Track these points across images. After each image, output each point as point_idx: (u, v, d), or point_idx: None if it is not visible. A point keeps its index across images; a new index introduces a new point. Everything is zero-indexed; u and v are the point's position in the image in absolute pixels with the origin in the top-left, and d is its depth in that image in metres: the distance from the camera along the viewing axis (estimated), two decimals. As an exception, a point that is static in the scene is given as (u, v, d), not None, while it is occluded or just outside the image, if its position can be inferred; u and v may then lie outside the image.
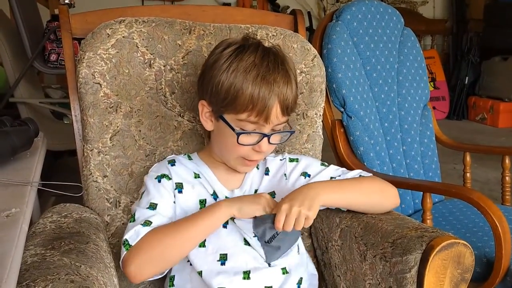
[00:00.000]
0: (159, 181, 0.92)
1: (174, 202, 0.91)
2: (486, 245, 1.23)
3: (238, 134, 0.87)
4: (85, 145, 1.01)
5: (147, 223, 0.85)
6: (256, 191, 0.97)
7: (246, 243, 0.90)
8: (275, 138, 0.91)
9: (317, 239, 1.08)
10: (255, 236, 0.90)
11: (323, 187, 0.89)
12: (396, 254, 0.83)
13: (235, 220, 0.90)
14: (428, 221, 1.24)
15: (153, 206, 0.89)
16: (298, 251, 0.95)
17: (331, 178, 0.98)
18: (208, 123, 0.93)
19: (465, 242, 0.82)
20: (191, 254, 0.89)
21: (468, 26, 4.90)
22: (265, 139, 0.88)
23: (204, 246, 0.89)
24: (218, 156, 0.96)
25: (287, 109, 0.88)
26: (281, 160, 1.02)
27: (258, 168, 1.00)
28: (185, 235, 0.84)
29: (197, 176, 0.95)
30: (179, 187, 0.92)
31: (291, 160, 1.02)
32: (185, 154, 1.00)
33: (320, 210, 1.05)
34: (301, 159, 1.03)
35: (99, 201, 1.01)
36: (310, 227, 1.10)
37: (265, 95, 0.84)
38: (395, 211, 0.98)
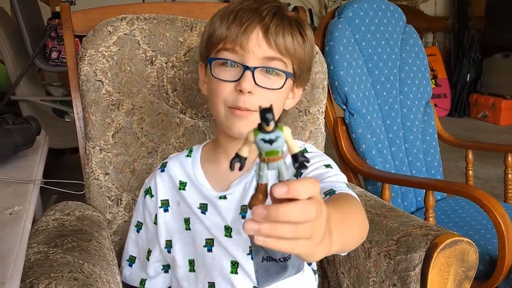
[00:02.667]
0: (145, 197, 0.88)
1: (155, 223, 0.85)
2: (489, 243, 1.23)
3: (211, 61, 0.74)
4: (87, 143, 1.01)
5: (131, 259, 0.90)
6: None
7: (233, 269, 0.79)
8: (262, 79, 0.73)
9: (320, 237, 1.08)
10: (249, 253, 0.77)
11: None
12: (401, 252, 0.83)
13: (227, 236, 0.79)
14: (430, 219, 1.24)
15: (139, 226, 0.89)
16: (302, 273, 0.80)
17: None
18: (204, 87, 0.82)
19: (469, 240, 0.82)
20: (183, 279, 0.84)
21: (470, 23, 4.88)
22: (248, 74, 0.71)
23: (193, 271, 0.83)
24: (220, 135, 0.81)
25: (276, 42, 0.72)
26: None
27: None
28: None
29: (182, 187, 0.84)
30: (165, 204, 0.85)
31: None
32: (187, 149, 0.90)
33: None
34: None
35: (100, 199, 1.01)
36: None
37: (243, 19, 0.72)
38: (399, 209, 0.98)
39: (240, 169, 0.47)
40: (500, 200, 1.57)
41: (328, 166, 0.79)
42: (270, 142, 0.43)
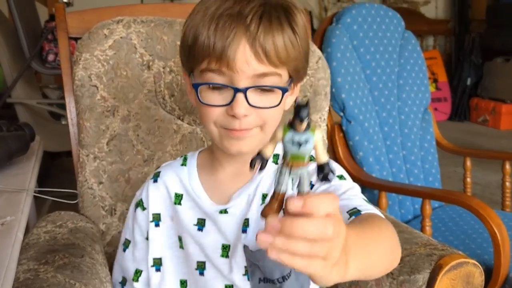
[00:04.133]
0: (135, 211, 0.80)
1: (147, 239, 0.78)
2: (485, 252, 1.22)
3: (196, 87, 0.66)
4: (81, 150, 0.99)
5: (123, 282, 0.81)
6: (264, 196, 0.75)
7: None
8: (256, 98, 0.65)
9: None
10: (245, 273, 0.72)
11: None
12: (404, 272, 0.81)
13: (224, 256, 0.74)
14: (427, 227, 1.23)
15: (126, 245, 0.81)
16: None
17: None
18: (192, 96, 0.72)
19: (475, 262, 0.79)
20: None
21: (470, 27, 4.88)
22: (240, 96, 0.63)
23: None
24: (211, 139, 0.73)
25: (267, 54, 0.62)
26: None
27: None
28: None
29: (178, 200, 0.78)
30: (156, 219, 0.78)
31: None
32: (181, 157, 0.82)
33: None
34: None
35: (94, 209, 0.99)
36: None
37: (225, 31, 0.62)
38: (402, 223, 0.96)
39: (261, 169, 0.45)
40: (498, 206, 1.57)
41: (341, 177, 0.72)
42: (299, 144, 0.40)
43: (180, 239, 0.77)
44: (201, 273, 0.75)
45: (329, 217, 0.39)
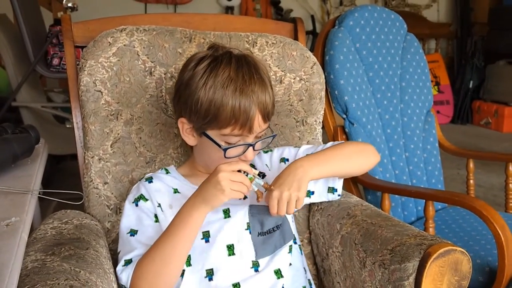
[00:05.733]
0: (137, 205, 0.92)
1: (156, 221, 0.91)
2: (489, 253, 1.22)
3: (225, 150, 0.88)
4: (86, 152, 1.02)
5: (127, 262, 0.86)
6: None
7: (230, 253, 0.89)
8: (259, 145, 0.93)
9: (317, 246, 1.08)
10: (247, 228, 0.91)
11: (308, 163, 0.91)
12: (395, 261, 0.83)
13: (226, 217, 0.91)
14: (430, 229, 1.23)
15: (133, 232, 0.90)
16: (290, 252, 0.94)
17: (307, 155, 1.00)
18: (190, 139, 0.93)
19: (462, 250, 0.81)
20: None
21: (473, 30, 4.88)
22: (250, 148, 0.90)
23: (190, 265, 0.88)
24: (203, 168, 0.97)
25: (268, 115, 0.90)
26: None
27: None
28: (171, 256, 0.81)
29: (176, 191, 0.95)
30: (160, 206, 0.93)
31: (265, 151, 1.05)
32: (162, 169, 1.00)
33: (321, 217, 1.05)
34: (273, 149, 1.06)
35: (99, 208, 1.02)
36: (310, 233, 1.10)
37: (246, 107, 0.85)
38: (395, 218, 0.98)
39: None
40: (501, 209, 1.57)
41: (295, 147, 1.06)
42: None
43: None
44: (207, 241, 0.90)
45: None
